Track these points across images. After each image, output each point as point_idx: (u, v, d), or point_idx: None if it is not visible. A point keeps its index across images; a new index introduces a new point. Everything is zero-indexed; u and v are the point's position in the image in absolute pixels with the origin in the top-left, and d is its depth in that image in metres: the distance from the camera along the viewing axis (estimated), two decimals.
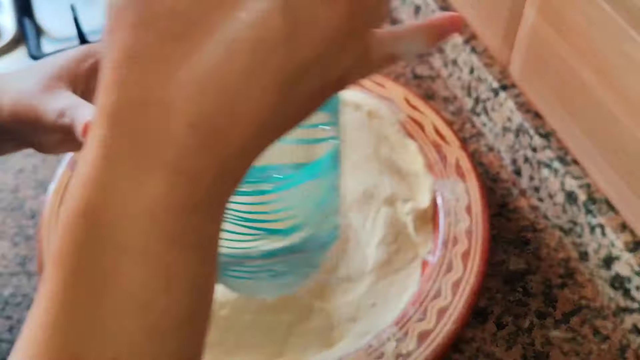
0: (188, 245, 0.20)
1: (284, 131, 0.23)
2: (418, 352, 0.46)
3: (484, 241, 0.52)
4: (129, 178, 0.20)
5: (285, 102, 0.21)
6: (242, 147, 0.21)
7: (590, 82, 0.50)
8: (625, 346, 0.50)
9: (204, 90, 0.20)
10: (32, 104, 0.38)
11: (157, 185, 0.20)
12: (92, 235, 0.20)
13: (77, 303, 0.20)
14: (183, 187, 0.20)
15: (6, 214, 0.60)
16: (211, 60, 0.20)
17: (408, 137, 0.60)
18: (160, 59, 0.20)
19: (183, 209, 0.20)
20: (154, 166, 0.20)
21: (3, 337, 0.52)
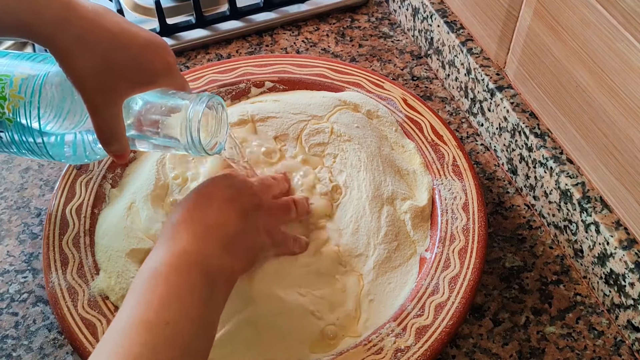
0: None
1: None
2: (416, 347, 0.47)
3: (480, 238, 0.53)
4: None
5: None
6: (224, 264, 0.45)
7: (584, 83, 0.51)
8: (619, 342, 0.51)
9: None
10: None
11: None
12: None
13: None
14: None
15: (12, 212, 0.61)
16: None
17: (406, 136, 0.61)
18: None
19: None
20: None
21: (9, 334, 0.53)
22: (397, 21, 0.80)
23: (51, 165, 0.65)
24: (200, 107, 0.44)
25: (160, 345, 0.36)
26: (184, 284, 0.40)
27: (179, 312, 0.38)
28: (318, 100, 0.62)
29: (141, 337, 0.36)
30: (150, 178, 0.56)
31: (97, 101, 0.42)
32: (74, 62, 0.40)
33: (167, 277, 0.40)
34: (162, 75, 0.44)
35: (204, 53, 0.76)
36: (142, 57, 0.43)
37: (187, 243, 0.42)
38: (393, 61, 0.75)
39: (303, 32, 0.79)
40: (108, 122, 0.43)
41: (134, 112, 0.45)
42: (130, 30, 0.42)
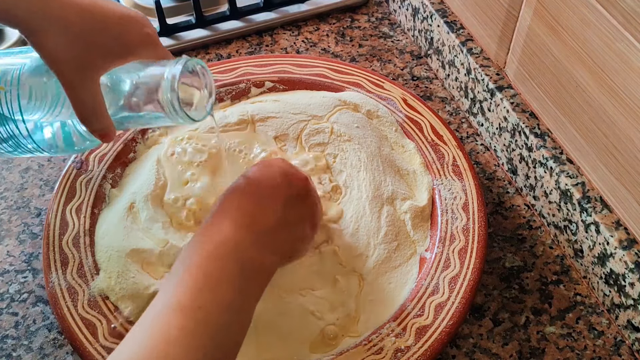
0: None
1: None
2: (416, 347, 0.47)
3: (480, 238, 0.53)
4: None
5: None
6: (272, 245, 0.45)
7: (584, 83, 0.51)
8: (619, 342, 0.51)
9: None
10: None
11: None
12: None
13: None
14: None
15: (12, 212, 0.61)
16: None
17: (406, 136, 0.61)
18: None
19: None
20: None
21: (9, 334, 0.53)
22: (397, 21, 0.80)
23: (51, 165, 0.65)
24: (177, 70, 0.43)
25: (193, 330, 0.37)
26: (219, 272, 0.40)
27: (212, 299, 0.39)
28: (318, 100, 0.62)
29: (176, 321, 0.37)
30: (150, 178, 0.56)
31: (73, 78, 0.41)
32: (46, 41, 0.40)
33: (204, 265, 0.40)
34: (140, 47, 0.44)
35: (204, 53, 0.76)
36: (117, 30, 0.42)
37: (227, 231, 0.42)
38: (393, 61, 0.75)
39: (303, 32, 0.79)
40: (86, 98, 0.42)
41: (117, 90, 0.45)
42: (105, 7, 0.42)
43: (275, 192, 0.46)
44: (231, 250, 0.41)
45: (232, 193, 0.46)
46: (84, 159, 0.59)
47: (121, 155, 0.60)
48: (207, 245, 0.42)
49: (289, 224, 0.46)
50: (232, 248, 0.42)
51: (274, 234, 0.44)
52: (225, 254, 0.41)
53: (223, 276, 0.40)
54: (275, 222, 0.45)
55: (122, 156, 0.60)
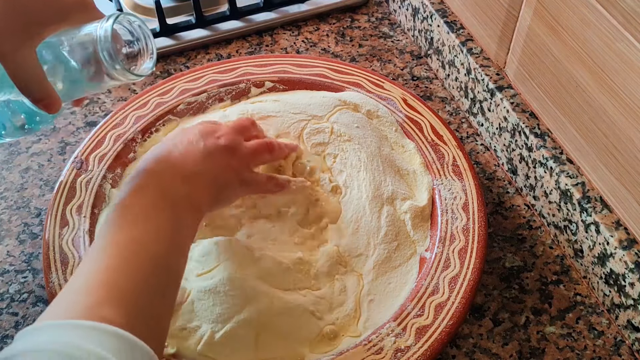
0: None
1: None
2: (416, 347, 0.47)
3: (480, 238, 0.53)
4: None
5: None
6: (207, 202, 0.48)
7: (584, 83, 0.51)
8: (619, 342, 0.51)
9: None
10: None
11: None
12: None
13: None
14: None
15: (12, 212, 0.61)
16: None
17: (406, 136, 0.61)
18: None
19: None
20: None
21: (9, 334, 0.53)
22: (397, 21, 0.80)
23: (51, 165, 0.65)
24: (108, 24, 0.42)
25: (130, 258, 0.39)
26: (148, 207, 0.43)
27: (145, 231, 0.41)
28: (318, 100, 0.62)
29: (113, 252, 0.39)
30: None
31: (5, 46, 0.40)
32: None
33: (133, 206, 0.43)
34: (75, 12, 0.43)
35: (204, 53, 0.76)
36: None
37: (149, 179, 0.45)
38: (393, 61, 0.75)
39: (303, 32, 0.79)
40: (22, 66, 0.41)
41: (55, 58, 0.44)
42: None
43: (190, 145, 0.49)
44: (157, 192, 0.44)
45: (153, 152, 0.49)
46: (84, 159, 0.59)
47: (121, 155, 0.60)
48: (133, 192, 0.44)
49: (208, 169, 0.48)
50: (156, 190, 0.44)
51: (194, 176, 0.47)
52: (151, 191, 0.44)
53: (152, 209, 0.43)
54: (193, 167, 0.47)
55: (122, 156, 0.60)
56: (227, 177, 0.50)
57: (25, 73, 0.42)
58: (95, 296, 0.36)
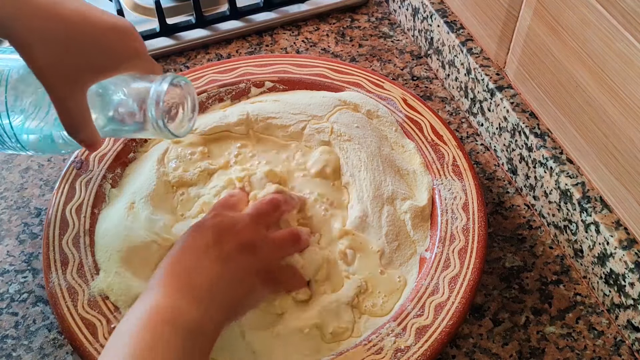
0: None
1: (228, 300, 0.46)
2: (416, 347, 0.47)
3: (480, 238, 0.53)
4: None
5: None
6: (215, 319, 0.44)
7: (584, 83, 0.51)
8: (619, 342, 0.51)
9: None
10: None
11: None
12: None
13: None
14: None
15: (12, 212, 0.61)
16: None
17: (406, 136, 0.61)
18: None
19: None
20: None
21: (9, 334, 0.53)
22: (397, 21, 0.80)
23: (51, 165, 0.65)
24: (162, 88, 0.43)
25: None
26: (157, 341, 0.39)
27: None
28: (318, 100, 0.62)
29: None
30: (151, 178, 0.56)
31: (60, 91, 0.42)
32: (34, 54, 0.40)
33: (140, 333, 0.39)
34: (128, 61, 0.44)
35: (204, 53, 0.76)
36: (103, 43, 0.42)
37: (161, 298, 0.42)
38: (393, 61, 0.75)
39: (303, 32, 0.79)
40: (73, 111, 0.42)
41: (102, 101, 0.45)
42: (91, 17, 0.42)
43: (205, 251, 0.45)
44: (166, 316, 0.41)
45: (166, 262, 0.45)
46: (84, 159, 0.59)
47: (121, 155, 0.60)
48: (142, 313, 0.41)
49: (225, 279, 0.45)
50: (166, 314, 0.41)
51: (210, 292, 0.43)
52: (161, 319, 0.40)
53: (160, 342, 0.39)
54: (209, 280, 0.44)
55: (122, 156, 0.60)
56: (249, 283, 0.46)
57: (75, 118, 0.43)
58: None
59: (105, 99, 0.45)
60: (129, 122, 0.45)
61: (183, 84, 0.46)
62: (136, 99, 0.44)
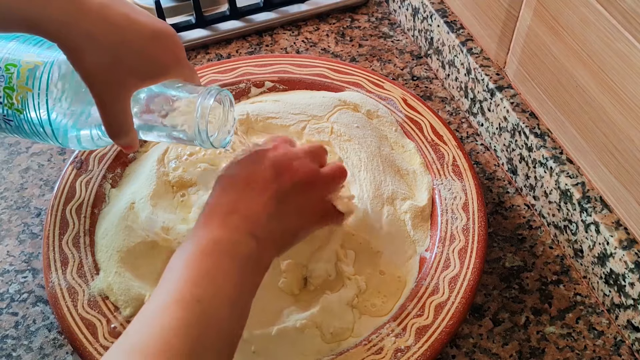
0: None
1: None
2: (416, 347, 0.47)
3: (480, 238, 0.53)
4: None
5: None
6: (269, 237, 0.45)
7: (584, 83, 0.51)
8: (619, 342, 0.51)
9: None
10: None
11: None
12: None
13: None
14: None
15: (12, 212, 0.61)
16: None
17: (406, 136, 0.61)
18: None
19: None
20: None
21: (9, 334, 0.53)
22: (397, 21, 0.80)
23: (51, 165, 0.65)
24: (209, 101, 0.44)
25: (192, 322, 0.37)
26: (214, 268, 0.41)
27: (211, 292, 0.39)
28: (318, 100, 0.62)
29: (175, 313, 0.37)
30: (151, 178, 0.56)
31: (106, 96, 0.42)
32: (82, 58, 0.40)
33: (199, 261, 0.41)
34: (171, 68, 0.44)
35: (204, 53, 0.76)
36: (150, 50, 0.43)
37: (217, 231, 0.43)
38: (393, 61, 0.75)
39: (303, 32, 0.79)
40: (117, 116, 0.43)
41: (143, 104, 0.46)
42: (138, 22, 0.42)
43: (264, 187, 0.46)
44: (223, 247, 0.42)
45: (220, 193, 0.46)
46: (84, 159, 0.59)
47: (121, 155, 0.60)
48: (201, 243, 0.42)
49: (280, 216, 0.45)
50: (224, 246, 0.42)
51: (265, 227, 0.44)
52: (219, 250, 0.42)
53: (219, 271, 0.41)
54: (266, 217, 0.45)
55: (122, 156, 0.60)
56: (301, 221, 0.48)
57: (118, 122, 0.43)
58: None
59: (143, 104, 0.46)
60: (169, 129, 0.46)
61: (224, 97, 0.47)
62: (179, 108, 0.45)
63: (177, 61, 0.45)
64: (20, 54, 0.46)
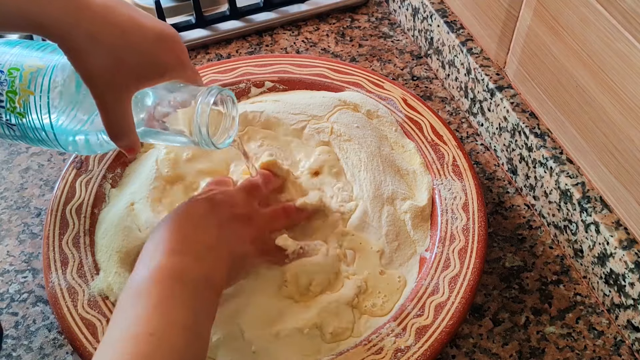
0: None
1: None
2: (416, 347, 0.47)
3: (480, 238, 0.53)
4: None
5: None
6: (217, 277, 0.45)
7: (584, 83, 0.51)
8: (619, 342, 0.51)
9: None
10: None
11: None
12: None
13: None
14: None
15: (12, 212, 0.61)
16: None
17: (406, 136, 0.61)
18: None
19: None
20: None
21: (9, 334, 0.53)
22: (397, 21, 0.80)
23: (51, 165, 0.65)
24: (209, 101, 0.44)
25: (148, 356, 0.36)
26: (166, 296, 0.40)
27: (164, 322, 0.39)
28: (318, 100, 0.62)
29: (130, 348, 0.37)
30: (150, 178, 0.56)
31: (107, 98, 0.42)
32: (85, 60, 0.40)
33: (148, 291, 0.40)
34: (173, 70, 0.44)
35: (204, 53, 0.76)
36: (153, 52, 0.43)
37: (162, 259, 0.43)
38: (393, 61, 0.75)
39: (303, 32, 0.79)
40: (118, 118, 0.43)
41: (144, 106, 0.46)
42: (141, 24, 0.42)
43: (203, 219, 0.47)
44: (170, 274, 0.42)
45: (163, 227, 0.46)
46: (84, 159, 0.59)
47: (121, 155, 0.60)
48: (147, 274, 0.42)
49: (222, 242, 0.46)
50: (171, 272, 0.42)
51: (210, 252, 0.45)
52: (169, 277, 0.42)
53: (171, 298, 0.40)
54: (209, 243, 0.45)
55: (122, 156, 0.60)
56: (244, 249, 0.48)
57: (119, 124, 0.43)
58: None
59: (145, 105, 0.46)
60: (170, 130, 0.46)
61: (226, 96, 0.46)
62: (180, 109, 0.45)
63: (179, 63, 0.45)
64: (23, 58, 0.46)
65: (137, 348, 0.37)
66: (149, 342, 0.37)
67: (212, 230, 0.46)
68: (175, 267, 0.42)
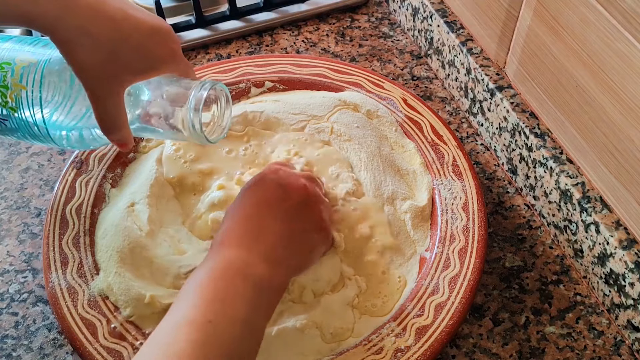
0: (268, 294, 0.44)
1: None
2: (416, 347, 0.47)
3: (480, 238, 0.53)
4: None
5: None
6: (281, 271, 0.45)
7: (584, 83, 0.51)
8: (619, 342, 0.51)
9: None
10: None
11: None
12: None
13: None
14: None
15: (12, 212, 0.61)
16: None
17: (406, 136, 0.61)
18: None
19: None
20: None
21: (9, 334, 0.53)
22: (397, 21, 0.80)
23: (51, 165, 0.65)
24: (202, 95, 0.44)
25: (203, 343, 0.37)
26: (228, 289, 0.41)
27: (222, 313, 0.39)
28: (318, 100, 0.62)
29: (186, 335, 0.37)
30: (150, 178, 0.56)
31: (100, 91, 0.42)
32: (76, 53, 0.40)
33: (212, 283, 0.41)
34: (166, 63, 0.44)
35: (204, 53, 0.76)
36: (145, 45, 0.42)
37: (230, 254, 0.44)
38: (393, 61, 0.75)
39: (303, 32, 0.79)
40: (110, 111, 0.43)
41: (138, 100, 0.46)
42: (133, 17, 0.42)
43: (272, 208, 0.47)
44: (237, 269, 0.42)
45: (231, 219, 0.47)
46: (84, 159, 0.59)
47: (121, 155, 0.60)
48: (215, 266, 0.42)
49: (293, 236, 0.46)
50: (237, 267, 0.43)
51: (279, 250, 0.45)
52: (232, 271, 0.42)
53: (231, 292, 0.41)
54: (279, 239, 0.45)
55: (122, 156, 0.60)
56: (312, 242, 0.48)
57: (111, 118, 0.43)
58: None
59: (140, 99, 0.46)
60: (163, 124, 0.46)
61: (219, 90, 0.46)
62: (173, 103, 0.45)
63: (173, 56, 0.44)
64: (15, 53, 0.46)
65: (196, 334, 0.37)
66: (206, 330, 0.38)
67: (281, 225, 0.46)
68: (239, 263, 0.43)
